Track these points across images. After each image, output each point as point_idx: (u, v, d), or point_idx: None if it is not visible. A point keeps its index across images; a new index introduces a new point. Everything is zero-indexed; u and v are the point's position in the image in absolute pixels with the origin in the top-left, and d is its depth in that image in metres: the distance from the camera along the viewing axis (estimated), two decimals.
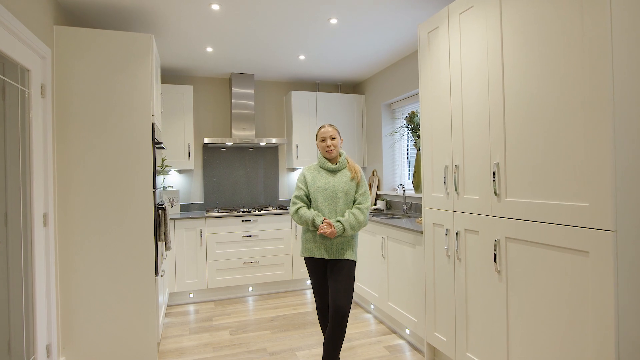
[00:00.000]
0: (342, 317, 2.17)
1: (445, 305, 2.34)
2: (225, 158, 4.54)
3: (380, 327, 3.15)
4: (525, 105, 1.74)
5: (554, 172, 1.61)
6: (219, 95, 4.55)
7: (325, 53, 3.71)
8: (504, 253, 1.87)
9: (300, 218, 2.29)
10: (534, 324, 1.72)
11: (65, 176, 2.46)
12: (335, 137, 2.35)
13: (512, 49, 1.81)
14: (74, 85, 2.48)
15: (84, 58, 2.50)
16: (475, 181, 2.08)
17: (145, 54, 2.61)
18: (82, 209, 2.49)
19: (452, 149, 2.26)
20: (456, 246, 2.23)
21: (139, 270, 2.59)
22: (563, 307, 1.58)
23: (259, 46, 3.49)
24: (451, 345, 2.29)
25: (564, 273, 1.58)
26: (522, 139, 1.76)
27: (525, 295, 1.76)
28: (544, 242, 1.66)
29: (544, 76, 1.65)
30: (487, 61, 1.96)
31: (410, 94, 3.87)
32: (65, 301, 2.45)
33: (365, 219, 2.28)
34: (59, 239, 2.44)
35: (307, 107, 4.50)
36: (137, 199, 2.59)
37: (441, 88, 2.35)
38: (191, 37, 3.24)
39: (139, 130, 2.60)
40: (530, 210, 1.73)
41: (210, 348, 2.82)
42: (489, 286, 1.98)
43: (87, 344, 2.49)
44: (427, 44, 2.49)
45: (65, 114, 2.46)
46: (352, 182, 2.32)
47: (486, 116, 1.97)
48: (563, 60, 1.56)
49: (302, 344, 2.86)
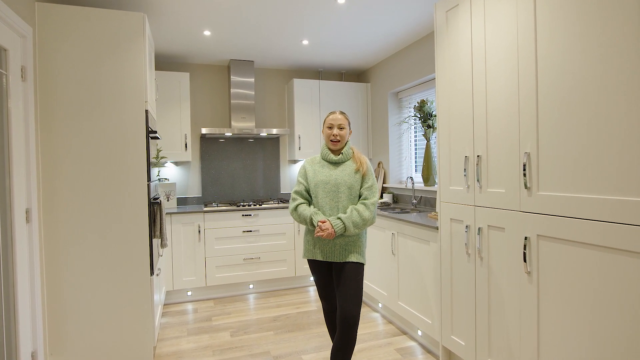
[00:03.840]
0: (351, 327, 1.96)
1: (464, 307, 2.17)
2: (224, 149, 4.34)
3: (390, 327, 2.99)
4: (563, 87, 1.55)
5: (598, 162, 1.43)
6: (217, 83, 4.33)
7: (331, 37, 3.50)
8: (535, 252, 1.70)
9: (299, 216, 2.08)
10: (571, 332, 1.54)
11: (50, 168, 2.25)
12: (344, 126, 2.12)
13: (547, 24, 1.61)
14: (59, 68, 2.27)
15: (69, 38, 2.28)
16: (501, 173, 1.89)
17: (136, 34, 2.39)
18: (70, 204, 2.29)
19: (473, 138, 2.07)
20: (477, 244, 2.05)
21: (133, 269, 2.40)
22: (604, 314, 1.41)
23: (260, 29, 3.27)
24: (470, 349, 2.13)
25: (608, 276, 1.40)
26: (559, 125, 1.57)
27: (561, 300, 1.58)
28: (584, 241, 1.48)
29: (587, 53, 1.45)
30: (517, 40, 1.76)
31: (420, 81, 3.66)
32: (53, 304, 2.26)
33: (372, 215, 2.02)
34: (45, 236, 2.24)
35: (309, 96, 4.29)
36: (130, 192, 2.39)
37: (461, 72, 2.16)
38: (187, 19, 3.02)
39: (131, 118, 2.39)
40: (567, 205, 1.54)
41: (210, 351, 2.65)
42: (516, 288, 1.80)
43: (76, 350, 2.31)
44: (445, 24, 2.29)
45: (49, 99, 2.25)
46: (357, 174, 2.08)
47: (515, 101, 1.78)
48: (610, 34, 1.36)
49: (307, 346, 2.69)
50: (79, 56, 2.30)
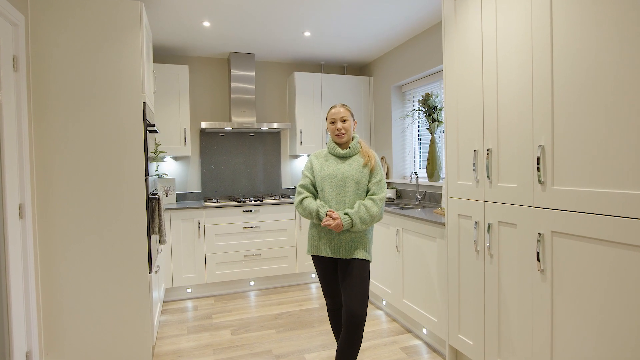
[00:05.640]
0: (358, 326, 1.90)
1: (473, 306, 2.11)
2: (224, 144, 4.26)
3: (394, 325, 2.93)
4: (580, 77, 1.47)
5: (617, 155, 1.35)
6: (217, 76, 4.24)
7: (333, 29, 3.41)
8: (550, 249, 1.63)
9: (304, 209, 2.00)
10: (586, 333, 1.48)
11: (45, 162, 2.18)
12: (347, 119, 2.04)
13: (563, 11, 1.53)
14: (53, 58, 2.18)
15: (63, 27, 2.20)
16: (513, 167, 1.82)
17: (134, 23, 2.31)
18: (65, 199, 2.21)
19: (483, 131, 2.00)
20: (487, 240, 1.98)
21: (131, 266, 2.34)
22: (622, 314, 1.34)
23: (261, 19, 3.18)
24: (479, 349, 2.06)
25: (627, 275, 1.33)
26: (575, 117, 1.50)
27: (576, 299, 1.52)
28: (601, 238, 1.41)
29: (605, 41, 1.37)
30: (532, 29, 1.68)
31: (425, 74, 3.58)
32: (48, 302, 2.20)
33: (380, 211, 1.96)
34: (39, 232, 2.17)
35: (311, 89, 4.20)
36: (127, 187, 2.32)
37: (471, 63, 2.08)
38: (186, 9, 2.93)
39: (128, 110, 2.31)
40: (584, 201, 1.47)
41: (210, 350, 2.59)
42: (529, 287, 1.73)
43: (73, 350, 2.24)
44: (453, 14, 2.21)
45: (43, 90, 2.17)
46: (365, 169, 2.01)
47: (529, 92, 1.70)
48: (630, 21, 1.29)
49: (310, 345, 2.63)
50: (73, 46, 2.21)
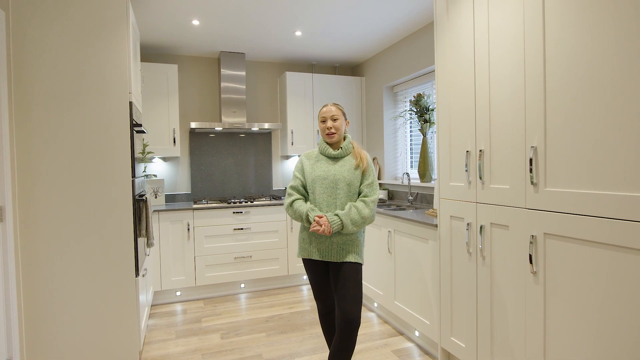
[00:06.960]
0: (353, 330, 1.86)
1: (465, 308, 2.09)
2: (214, 145, 4.20)
3: (386, 327, 2.90)
4: (573, 77, 1.46)
5: (610, 157, 1.34)
6: (207, 75, 4.18)
7: (325, 28, 3.38)
8: (542, 251, 1.61)
9: (294, 212, 1.96)
10: (579, 336, 1.46)
11: (27, 163, 2.11)
12: (337, 118, 2.00)
13: (556, 11, 1.52)
14: (35, 55, 2.12)
15: (46, 23, 2.13)
16: (505, 168, 1.80)
17: (119, 20, 2.25)
18: (48, 201, 2.15)
19: (475, 132, 1.98)
20: (479, 242, 1.96)
21: (117, 270, 2.27)
22: (616, 317, 1.33)
23: (251, 17, 3.14)
24: (471, 352, 2.05)
25: (620, 277, 1.32)
26: (568, 118, 1.49)
27: (569, 302, 1.50)
28: (595, 240, 1.39)
29: (600, 41, 1.36)
30: (524, 28, 1.67)
31: (417, 74, 3.57)
32: (30, 307, 2.13)
33: (371, 213, 1.92)
34: (21, 235, 2.10)
35: (302, 89, 4.16)
36: (113, 188, 2.26)
37: (463, 62, 2.06)
38: (174, 7, 2.87)
39: (114, 109, 2.25)
40: (577, 202, 1.46)
41: (199, 354, 2.53)
42: (522, 289, 1.72)
43: (56, 356, 2.17)
44: (445, 13, 2.19)
45: (25, 89, 2.10)
46: (357, 170, 1.98)
47: (521, 92, 1.69)
48: (625, 21, 1.27)
49: (301, 348, 2.59)
50: (57, 43, 2.15)
